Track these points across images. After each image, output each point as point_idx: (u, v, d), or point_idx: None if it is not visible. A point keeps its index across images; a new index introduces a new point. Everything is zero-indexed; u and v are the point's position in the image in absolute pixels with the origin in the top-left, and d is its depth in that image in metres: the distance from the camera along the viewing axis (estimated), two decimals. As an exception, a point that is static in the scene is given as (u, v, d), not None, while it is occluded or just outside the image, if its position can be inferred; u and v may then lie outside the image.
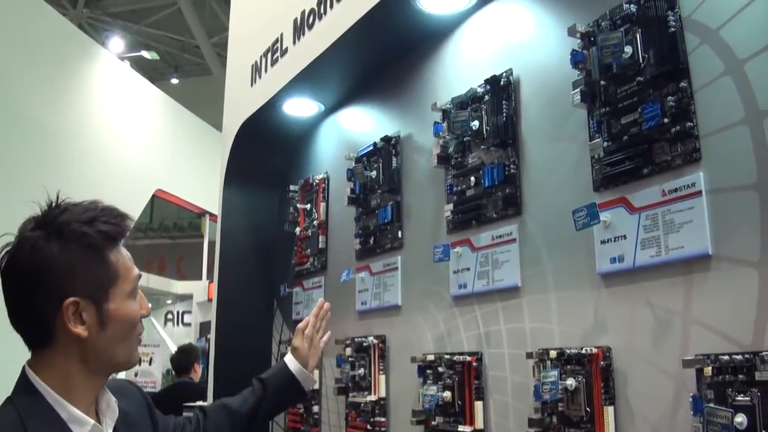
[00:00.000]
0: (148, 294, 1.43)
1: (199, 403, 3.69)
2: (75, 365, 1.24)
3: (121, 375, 4.80)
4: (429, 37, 2.32)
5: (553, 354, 1.64)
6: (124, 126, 10.18)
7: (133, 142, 10.28)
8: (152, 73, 16.57)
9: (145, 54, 15.92)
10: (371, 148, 2.55)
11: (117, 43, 15.75)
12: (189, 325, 14.46)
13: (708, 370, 1.27)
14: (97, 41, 11.19)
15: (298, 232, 3.08)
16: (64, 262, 1.21)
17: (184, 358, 5.45)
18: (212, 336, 3.27)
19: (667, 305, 1.44)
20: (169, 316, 15.08)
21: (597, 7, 1.66)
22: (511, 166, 1.91)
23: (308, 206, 3.05)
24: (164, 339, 11.46)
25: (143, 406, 1.48)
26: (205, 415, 1.70)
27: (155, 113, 11.52)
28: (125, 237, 1.31)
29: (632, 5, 1.55)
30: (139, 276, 1.33)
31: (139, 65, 15.72)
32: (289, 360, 1.86)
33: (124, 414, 1.35)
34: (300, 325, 1.92)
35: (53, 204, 1.27)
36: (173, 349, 10.67)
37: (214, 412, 1.71)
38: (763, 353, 1.19)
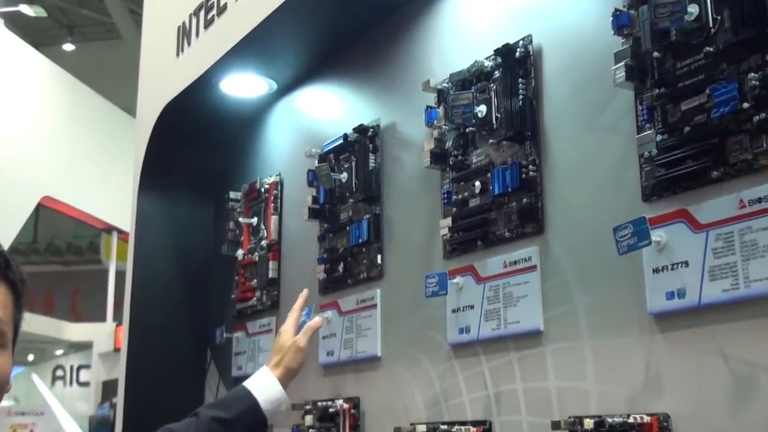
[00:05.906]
0: (28, 341, 1.41)
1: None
2: None
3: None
4: (420, -8, 2.33)
5: (589, 424, 1.63)
6: (-1, 108, 10.06)
7: (12, 131, 10.15)
8: (37, 35, 16.47)
9: (27, 9, 15.73)
10: (341, 141, 2.54)
11: (-14, -7, 15.63)
12: (87, 384, 14.26)
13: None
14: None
15: (240, 256, 3.06)
16: None
17: None
18: (120, 401, 3.23)
19: (746, 356, 1.43)
20: (59, 373, 14.86)
21: (648, -48, 1.67)
22: (530, 167, 1.91)
23: (254, 221, 3.04)
24: (50, 405, 11.29)
25: None
26: None
27: (42, 90, 11.41)
28: None
29: (698, -50, 1.55)
30: None
31: (18, 25, 15.59)
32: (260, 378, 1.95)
33: None
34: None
35: None
36: (63, 418, 10.41)
37: None
38: None
